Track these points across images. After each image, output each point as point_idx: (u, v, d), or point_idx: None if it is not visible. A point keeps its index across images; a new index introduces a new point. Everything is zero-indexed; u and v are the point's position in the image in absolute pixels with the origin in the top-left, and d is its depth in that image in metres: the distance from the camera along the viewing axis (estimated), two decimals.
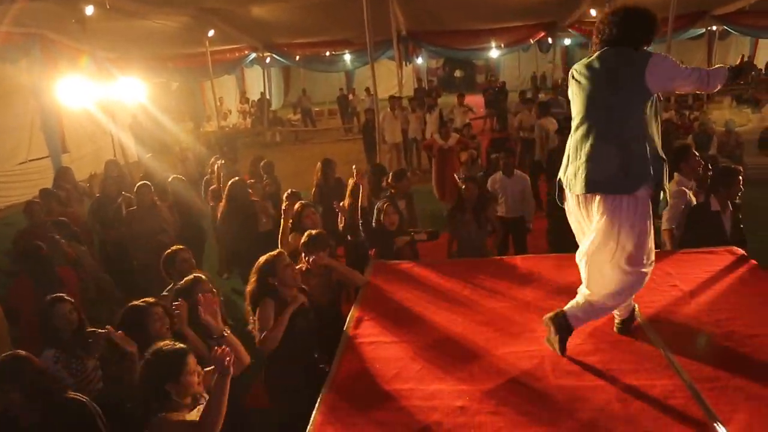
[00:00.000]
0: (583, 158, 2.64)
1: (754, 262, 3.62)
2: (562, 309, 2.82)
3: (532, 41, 16.53)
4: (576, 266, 2.88)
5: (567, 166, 2.78)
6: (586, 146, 2.65)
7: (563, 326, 2.76)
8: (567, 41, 20.84)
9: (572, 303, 2.84)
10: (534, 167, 8.57)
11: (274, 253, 3.39)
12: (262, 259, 3.35)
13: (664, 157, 2.65)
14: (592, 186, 2.62)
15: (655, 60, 2.57)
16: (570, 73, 2.81)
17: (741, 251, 3.75)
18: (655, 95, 2.64)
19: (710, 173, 4.74)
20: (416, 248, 4.67)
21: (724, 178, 4.34)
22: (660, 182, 2.63)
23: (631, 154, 2.58)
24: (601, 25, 2.75)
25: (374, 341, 3.05)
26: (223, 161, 7.14)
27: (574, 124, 2.78)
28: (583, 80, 2.71)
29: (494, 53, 18.08)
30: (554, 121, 9.15)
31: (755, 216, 5.73)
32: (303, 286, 3.43)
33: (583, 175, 2.63)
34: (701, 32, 16.54)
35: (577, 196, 2.72)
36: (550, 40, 16.84)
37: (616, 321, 3.00)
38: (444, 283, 3.67)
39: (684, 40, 18.37)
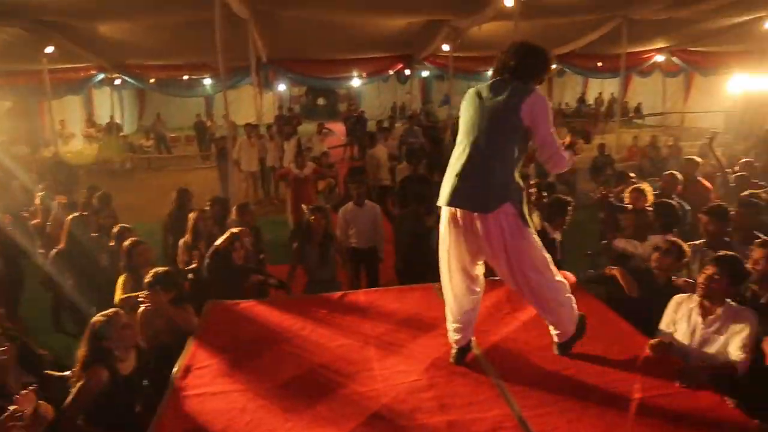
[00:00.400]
0: (455, 173, 2.79)
1: (579, 285, 3.85)
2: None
3: (391, 72, 17.15)
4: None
5: (445, 180, 2.89)
6: (460, 163, 2.80)
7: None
8: (425, 73, 21.86)
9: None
10: (379, 193, 8.73)
11: (110, 312, 3.07)
12: (95, 319, 3.01)
13: (522, 186, 2.85)
14: (455, 200, 2.79)
15: (533, 99, 2.72)
16: (467, 93, 2.97)
17: (573, 277, 3.99)
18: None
19: (545, 199, 5.09)
20: (265, 287, 4.47)
21: (557, 208, 4.74)
22: (520, 206, 2.79)
23: (496, 177, 2.74)
24: (501, 55, 2.89)
25: (202, 393, 2.78)
26: (44, 192, 6.39)
27: (457, 142, 2.91)
28: (472, 102, 2.87)
29: (355, 82, 18.48)
30: (385, 150, 9.58)
31: (583, 236, 6.24)
32: None
33: (449, 190, 2.79)
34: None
35: (450, 210, 2.84)
36: (407, 72, 17.50)
37: (453, 350, 3.04)
38: (283, 322, 3.49)
39: None
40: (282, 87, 20.04)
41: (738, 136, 13.99)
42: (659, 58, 16.92)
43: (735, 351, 2.91)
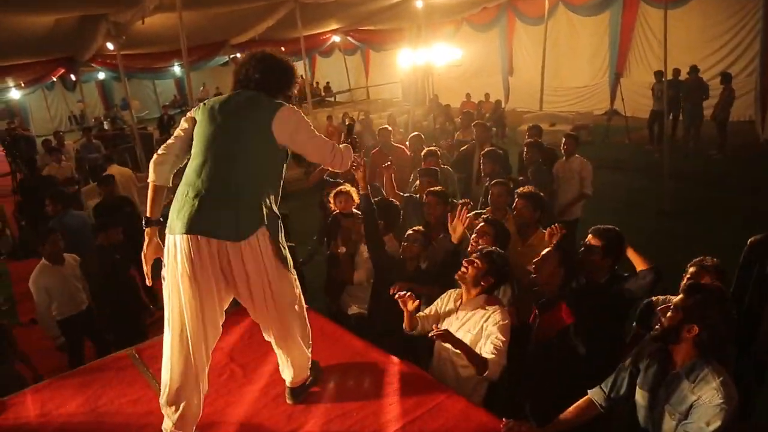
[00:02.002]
0: (194, 194, 2.33)
1: None
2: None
3: (54, 78, 14.69)
4: None
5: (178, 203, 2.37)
6: (200, 183, 2.34)
7: None
8: (101, 76, 19.39)
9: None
10: None
11: None
12: None
13: (278, 213, 2.52)
14: (198, 226, 2.30)
15: (284, 114, 2.46)
16: (199, 105, 2.57)
17: None
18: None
19: None
20: None
21: None
22: (276, 235, 2.44)
23: (247, 201, 2.37)
24: (242, 67, 2.60)
25: None
26: None
27: (191, 161, 2.46)
28: (209, 118, 2.47)
29: (14, 94, 15.44)
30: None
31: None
32: None
33: (187, 214, 2.30)
34: (226, 59, 17.61)
35: (188, 239, 2.31)
36: (73, 77, 15.18)
37: None
38: None
39: (217, 67, 19.36)
40: None
41: (415, 103, 15.63)
42: (336, 38, 17.81)
43: (486, 352, 2.74)
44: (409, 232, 3.85)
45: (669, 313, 2.22)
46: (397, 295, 2.97)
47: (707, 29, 13.53)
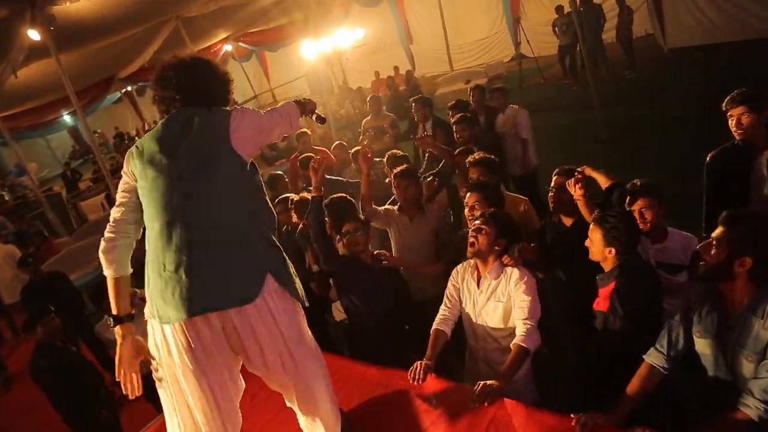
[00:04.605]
0: (173, 269, 1.88)
1: None
2: None
3: None
4: None
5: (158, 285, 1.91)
6: (174, 252, 1.88)
7: None
8: None
9: None
10: None
11: None
12: None
13: (276, 243, 2.11)
14: (198, 304, 1.86)
15: (236, 116, 2.05)
16: (129, 153, 2.04)
17: None
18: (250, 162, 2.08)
19: None
20: None
21: None
22: (282, 275, 2.02)
23: (236, 254, 1.93)
24: (163, 83, 2.08)
25: None
26: None
27: (148, 226, 1.97)
28: (150, 165, 1.95)
29: None
30: None
31: None
32: None
33: (181, 294, 1.86)
34: (119, 95, 16.53)
35: (181, 324, 1.89)
36: None
37: None
38: None
39: (110, 106, 18.17)
40: None
41: (322, 93, 15.21)
42: (228, 47, 17.02)
43: (518, 322, 2.57)
44: (345, 228, 3.49)
45: (713, 250, 2.03)
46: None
47: None
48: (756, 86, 3.02)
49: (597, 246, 2.61)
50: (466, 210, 3.39)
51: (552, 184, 3.32)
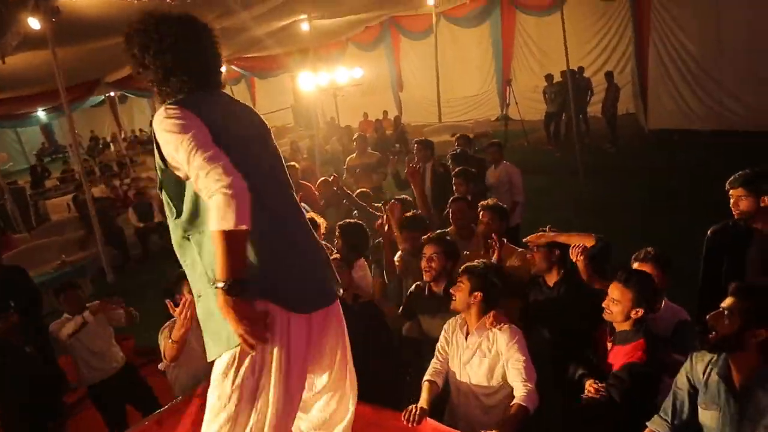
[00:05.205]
0: (301, 250, 1.91)
1: None
2: None
3: None
4: None
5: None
6: (289, 231, 1.91)
7: None
8: None
9: None
10: None
11: None
12: None
13: None
14: (332, 293, 2.02)
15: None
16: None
17: None
18: None
19: None
20: None
21: None
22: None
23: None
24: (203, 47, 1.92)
25: None
26: None
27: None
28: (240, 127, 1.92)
29: None
30: None
31: None
32: None
33: (319, 279, 1.97)
34: (102, 98, 16.25)
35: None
36: None
37: None
38: None
39: (89, 108, 17.80)
40: None
41: (308, 127, 15.23)
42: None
43: (516, 384, 2.53)
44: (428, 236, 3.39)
45: (726, 320, 2.02)
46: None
47: (579, 33, 14.41)
48: (757, 169, 3.10)
49: (624, 306, 2.55)
50: (423, 261, 3.29)
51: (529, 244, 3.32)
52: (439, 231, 3.55)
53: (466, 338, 2.78)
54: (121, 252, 9.04)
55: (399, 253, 3.87)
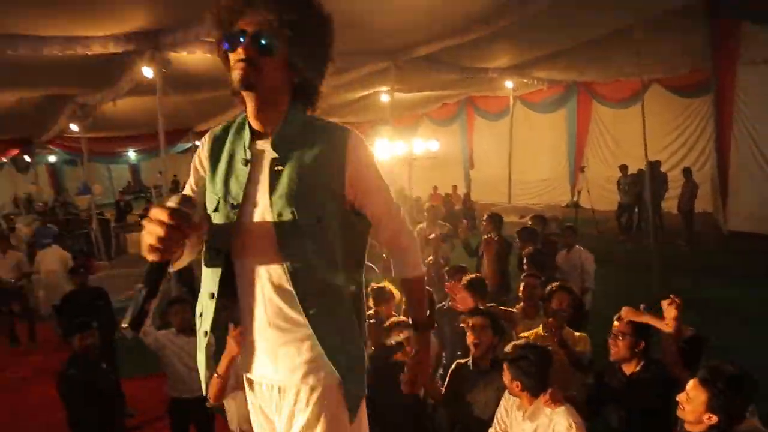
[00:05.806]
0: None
1: None
2: None
3: (5, 159, 13.98)
4: None
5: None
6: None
7: None
8: (52, 158, 18.62)
9: None
10: None
11: None
12: None
13: None
14: None
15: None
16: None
17: None
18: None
19: None
20: None
21: None
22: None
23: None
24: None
25: None
26: None
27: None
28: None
29: None
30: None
31: None
32: None
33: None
34: (188, 146, 17.37)
35: None
36: (28, 158, 14.49)
37: None
38: None
39: (174, 154, 19.01)
40: None
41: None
42: None
43: None
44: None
45: None
46: None
47: (657, 126, 14.33)
48: None
49: (696, 407, 2.30)
50: (470, 334, 3.22)
51: (613, 330, 3.13)
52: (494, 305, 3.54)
53: (524, 420, 2.75)
54: (189, 290, 9.39)
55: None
